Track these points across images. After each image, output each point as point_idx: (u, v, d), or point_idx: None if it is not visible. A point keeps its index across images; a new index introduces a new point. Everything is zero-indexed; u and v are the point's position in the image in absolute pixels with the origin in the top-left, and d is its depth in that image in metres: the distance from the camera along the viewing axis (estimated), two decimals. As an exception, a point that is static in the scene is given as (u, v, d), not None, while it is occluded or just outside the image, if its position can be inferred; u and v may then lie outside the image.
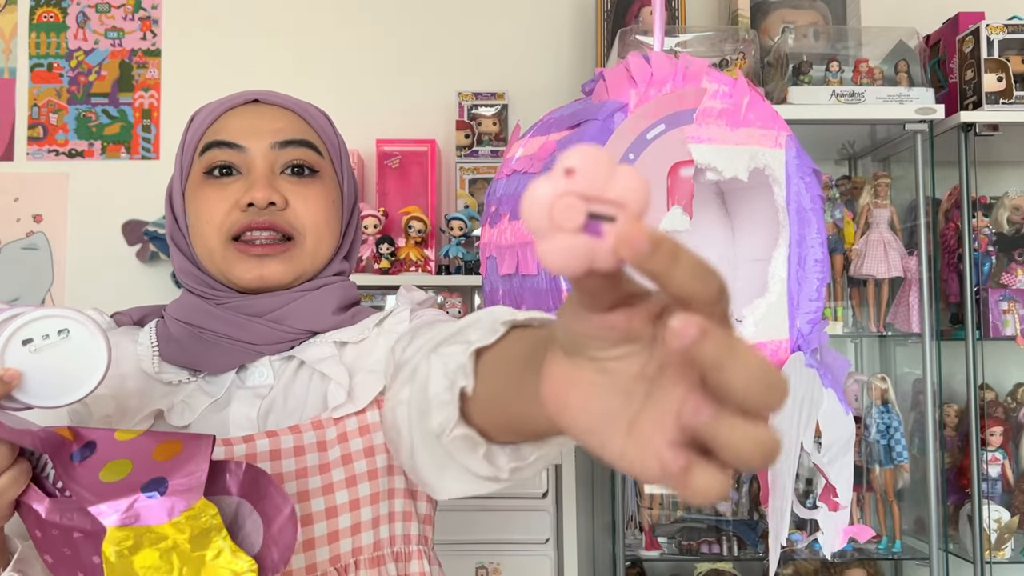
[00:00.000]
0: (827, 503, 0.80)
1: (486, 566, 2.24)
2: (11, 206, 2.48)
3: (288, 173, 0.91)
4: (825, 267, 0.84)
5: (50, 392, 0.70)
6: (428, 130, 2.47)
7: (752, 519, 2.18)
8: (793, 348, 0.81)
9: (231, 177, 0.90)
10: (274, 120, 0.92)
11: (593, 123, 0.71)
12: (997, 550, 2.05)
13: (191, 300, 0.93)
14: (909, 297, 2.14)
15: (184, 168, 0.95)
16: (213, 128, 0.93)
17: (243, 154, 0.90)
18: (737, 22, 2.30)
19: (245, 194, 0.88)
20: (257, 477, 0.70)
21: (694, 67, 0.77)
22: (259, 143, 0.90)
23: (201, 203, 0.90)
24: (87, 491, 0.66)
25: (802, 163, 0.83)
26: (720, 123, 0.77)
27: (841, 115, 2.05)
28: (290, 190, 0.90)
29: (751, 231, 0.86)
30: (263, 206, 0.88)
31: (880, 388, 2.14)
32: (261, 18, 2.54)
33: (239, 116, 0.92)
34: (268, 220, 0.88)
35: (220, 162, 0.90)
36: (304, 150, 0.92)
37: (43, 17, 2.53)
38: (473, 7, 2.55)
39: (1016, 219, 2.22)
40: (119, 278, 2.44)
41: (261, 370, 0.90)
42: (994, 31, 2.06)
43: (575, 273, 0.34)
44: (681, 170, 0.74)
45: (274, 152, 0.90)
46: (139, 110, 2.51)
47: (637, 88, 0.72)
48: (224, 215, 0.89)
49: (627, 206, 0.34)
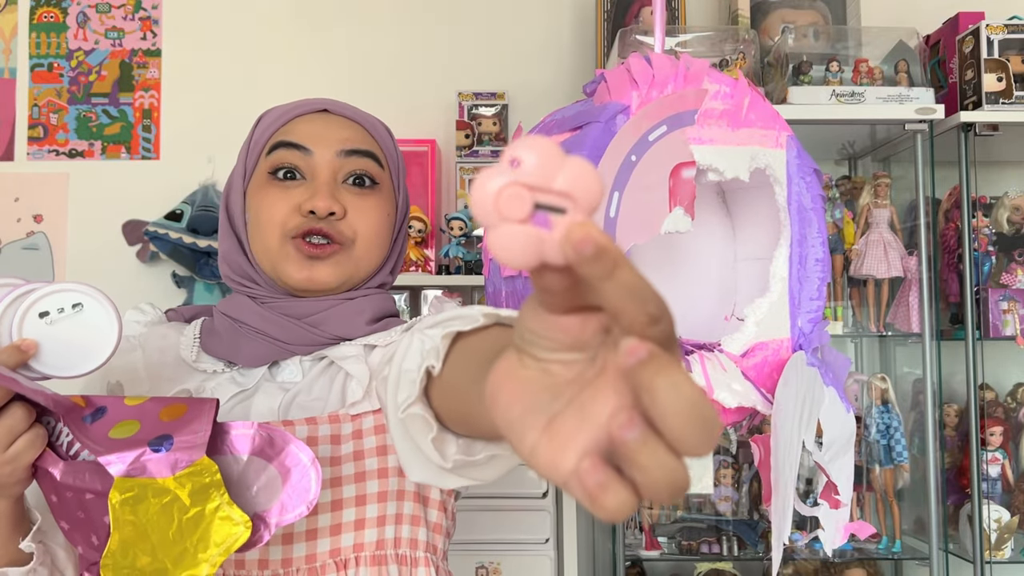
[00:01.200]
0: (828, 500, 0.80)
1: (486, 566, 2.24)
2: (11, 206, 2.48)
3: (350, 183, 0.94)
4: (826, 266, 0.84)
5: (65, 363, 0.74)
6: (428, 130, 2.47)
7: (752, 519, 2.18)
8: (794, 347, 0.81)
9: (295, 181, 0.93)
10: (341, 129, 0.95)
11: (595, 125, 0.71)
12: (997, 550, 2.05)
13: (239, 298, 0.96)
14: (909, 297, 2.14)
15: (248, 167, 0.97)
16: (282, 131, 0.96)
17: (309, 158, 0.93)
18: (737, 22, 2.30)
19: (307, 200, 0.91)
20: (271, 434, 0.73)
21: (695, 68, 0.77)
22: (326, 149, 0.93)
23: (264, 201, 0.93)
24: (98, 445, 0.70)
25: (803, 163, 0.83)
26: (721, 124, 0.78)
27: (841, 115, 2.05)
28: (350, 200, 0.93)
29: (752, 230, 0.86)
30: (323, 215, 0.90)
31: (880, 388, 2.14)
32: (261, 18, 2.54)
33: (308, 122, 0.96)
34: (326, 228, 0.91)
35: (286, 163, 0.93)
36: (367, 161, 0.94)
37: (43, 17, 2.53)
38: (473, 7, 2.55)
39: (1016, 219, 2.23)
40: (119, 278, 2.44)
41: (292, 368, 0.94)
42: (994, 31, 2.06)
43: (524, 265, 0.33)
44: (683, 171, 0.75)
45: (339, 160, 0.93)
46: (139, 110, 2.51)
47: (639, 90, 0.73)
48: (285, 217, 0.91)
49: (576, 198, 0.34)
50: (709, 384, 0.74)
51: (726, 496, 2.19)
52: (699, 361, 0.75)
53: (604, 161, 0.69)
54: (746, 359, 0.78)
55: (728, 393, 0.75)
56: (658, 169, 0.73)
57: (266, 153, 0.95)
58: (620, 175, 0.71)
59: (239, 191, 0.97)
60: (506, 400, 0.37)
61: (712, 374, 0.74)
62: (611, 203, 0.70)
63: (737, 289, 0.87)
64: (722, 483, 2.20)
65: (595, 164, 0.69)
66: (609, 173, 0.70)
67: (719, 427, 0.32)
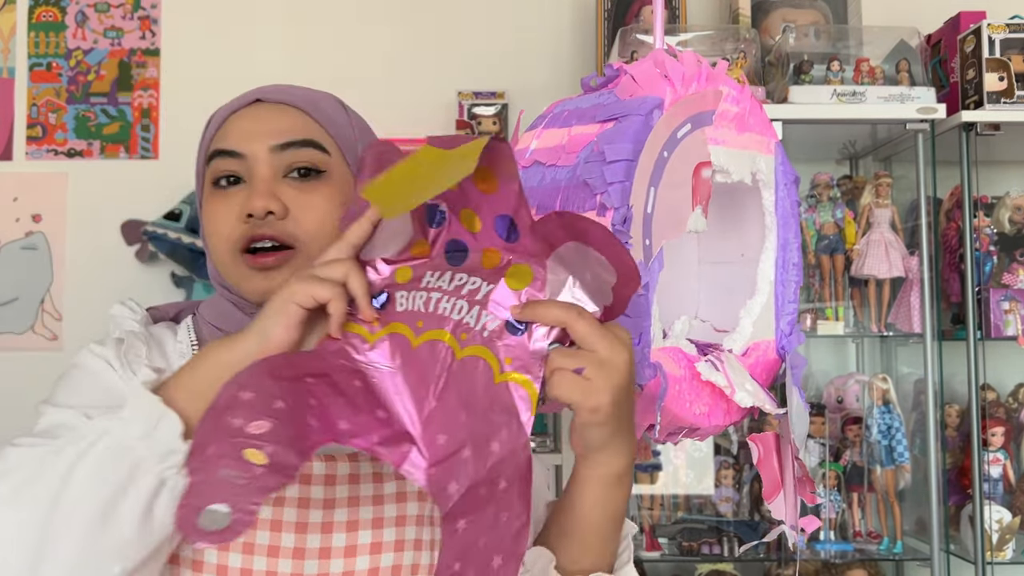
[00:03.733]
0: (803, 495, 0.82)
1: (486, 567, 2.24)
2: (10, 206, 2.48)
3: (294, 176, 0.86)
4: (800, 270, 0.85)
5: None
6: (428, 129, 2.45)
7: (753, 520, 2.18)
8: (778, 348, 0.82)
9: (236, 186, 0.86)
10: (275, 120, 0.88)
11: (636, 118, 0.70)
12: (998, 551, 2.05)
13: (223, 304, 0.91)
14: (910, 297, 2.14)
15: (198, 177, 0.91)
16: (219, 134, 0.89)
17: (244, 161, 0.86)
18: (738, 21, 2.29)
19: (245, 204, 0.84)
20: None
21: (715, 69, 0.77)
22: (259, 147, 0.86)
23: (210, 215, 0.87)
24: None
25: (786, 169, 0.84)
26: (731, 127, 0.78)
27: (842, 114, 2.04)
28: (292, 196, 0.85)
29: (739, 233, 0.87)
30: (261, 216, 0.83)
31: (881, 388, 2.14)
32: (260, 17, 2.53)
33: (241, 119, 0.88)
34: (269, 231, 0.84)
35: (224, 172, 0.87)
36: (307, 151, 0.87)
37: (42, 16, 2.52)
38: (473, 7, 2.55)
39: (1017, 219, 2.22)
40: (118, 278, 2.43)
41: None
42: (995, 30, 2.06)
43: None
44: (703, 171, 0.75)
45: (275, 155, 0.86)
46: (138, 109, 2.51)
47: (673, 85, 0.72)
48: (230, 227, 0.85)
49: None
50: (731, 385, 0.74)
51: (727, 497, 2.19)
52: (720, 361, 0.75)
53: (643, 155, 0.69)
54: (745, 359, 0.79)
55: (745, 393, 0.75)
56: (684, 167, 0.73)
57: (207, 163, 0.89)
58: (656, 171, 0.70)
59: (199, 202, 0.92)
60: None
61: (731, 375, 0.74)
62: (649, 199, 0.69)
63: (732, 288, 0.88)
64: (723, 483, 2.20)
65: (636, 157, 0.68)
66: (646, 168, 0.69)
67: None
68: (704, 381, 0.74)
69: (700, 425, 0.75)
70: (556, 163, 0.74)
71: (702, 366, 0.73)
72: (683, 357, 0.73)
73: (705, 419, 0.75)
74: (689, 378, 0.73)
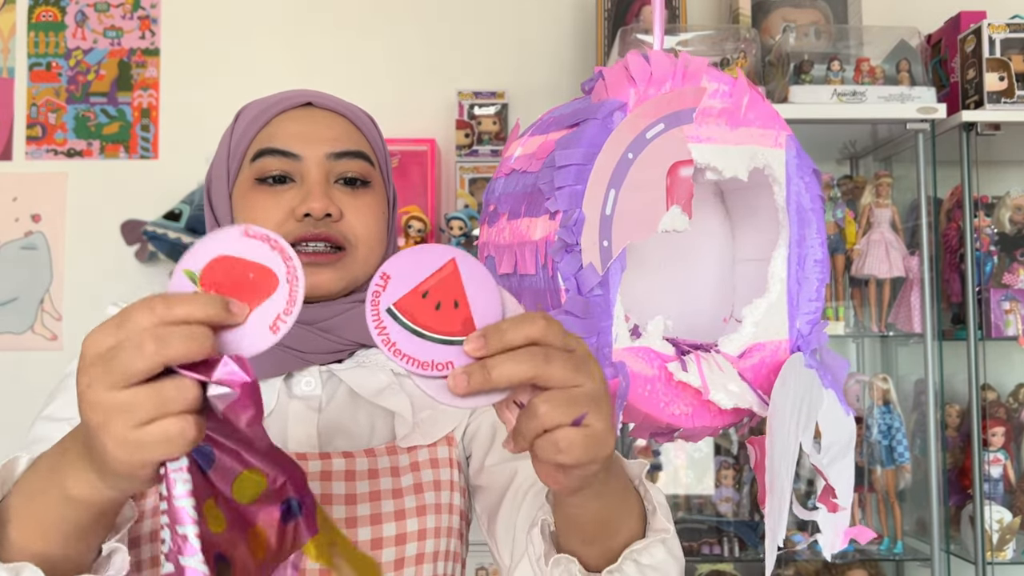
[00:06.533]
0: (826, 504, 0.80)
1: (486, 567, 2.24)
2: (10, 206, 2.47)
3: (342, 183, 0.90)
4: (825, 267, 0.83)
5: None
6: (428, 129, 2.46)
7: (753, 520, 2.17)
8: (793, 348, 0.80)
9: (284, 185, 0.88)
10: (328, 127, 0.90)
11: (592, 122, 0.70)
12: (999, 551, 2.05)
13: None
14: (911, 297, 2.14)
15: (232, 171, 0.92)
16: (265, 133, 0.90)
17: (297, 163, 0.88)
18: (738, 21, 2.29)
19: (301, 204, 0.86)
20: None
21: (693, 66, 0.76)
22: (314, 152, 0.88)
23: (254, 210, 0.88)
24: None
25: (802, 163, 0.82)
26: (720, 122, 0.77)
27: (842, 114, 2.04)
28: (345, 201, 0.89)
29: (750, 231, 0.86)
30: (320, 217, 0.86)
31: (881, 388, 2.13)
32: (260, 17, 2.53)
33: (292, 121, 0.90)
34: (324, 232, 0.87)
35: (274, 170, 0.88)
36: (359, 162, 0.90)
37: (42, 16, 2.52)
38: (473, 7, 2.54)
39: (1018, 219, 2.22)
40: (118, 278, 2.43)
41: (308, 379, 0.90)
42: (996, 30, 2.06)
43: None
44: (680, 170, 0.74)
45: (329, 162, 0.89)
46: (138, 109, 2.51)
47: (636, 87, 0.72)
48: (279, 224, 0.86)
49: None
50: (705, 384, 0.73)
51: (727, 497, 2.19)
52: (695, 361, 0.74)
53: (601, 158, 0.69)
54: (743, 360, 0.78)
55: (724, 394, 0.74)
56: (656, 167, 0.72)
57: (250, 160, 0.90)
58: (617, 172, 0.70)
59: (224, 194, 0.92)
60: None
61: (708, 375, 0.73)
62: (607, 201, 0.69)
63: (736, 290, 0.87)
64: (723, 484, 2.19)
65: (591, 161, 0.68)
66: (606, 170, 0.69)
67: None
68: (681, 381, 0.73)
69: (682, 426, 0.74)
70: (527, 169, 0.74)
71: (673, 366, 0.72)
72: (656, 357, 0.72)
73: (688, 420, 0.74)
74: (664, 378, 0.72)
